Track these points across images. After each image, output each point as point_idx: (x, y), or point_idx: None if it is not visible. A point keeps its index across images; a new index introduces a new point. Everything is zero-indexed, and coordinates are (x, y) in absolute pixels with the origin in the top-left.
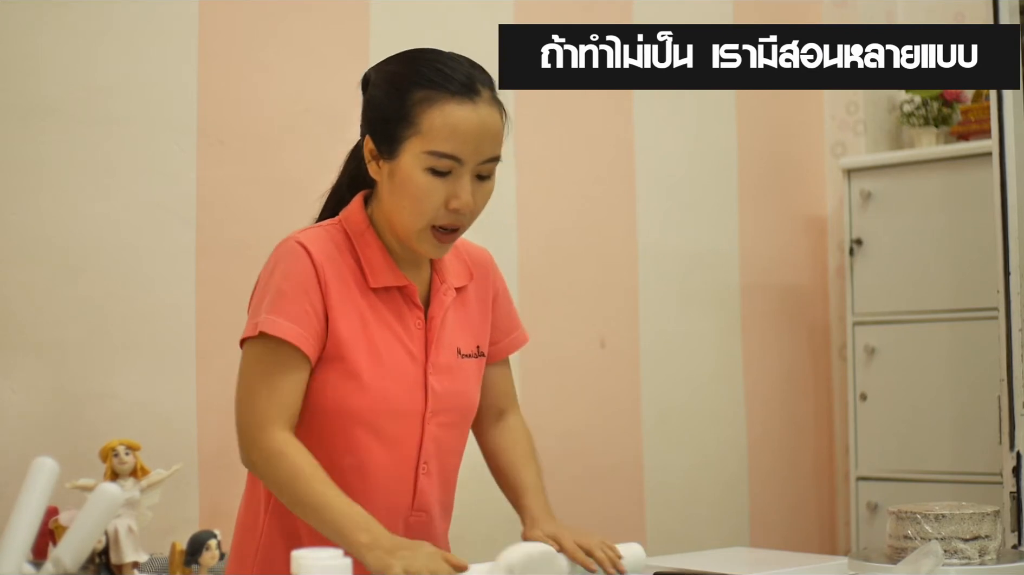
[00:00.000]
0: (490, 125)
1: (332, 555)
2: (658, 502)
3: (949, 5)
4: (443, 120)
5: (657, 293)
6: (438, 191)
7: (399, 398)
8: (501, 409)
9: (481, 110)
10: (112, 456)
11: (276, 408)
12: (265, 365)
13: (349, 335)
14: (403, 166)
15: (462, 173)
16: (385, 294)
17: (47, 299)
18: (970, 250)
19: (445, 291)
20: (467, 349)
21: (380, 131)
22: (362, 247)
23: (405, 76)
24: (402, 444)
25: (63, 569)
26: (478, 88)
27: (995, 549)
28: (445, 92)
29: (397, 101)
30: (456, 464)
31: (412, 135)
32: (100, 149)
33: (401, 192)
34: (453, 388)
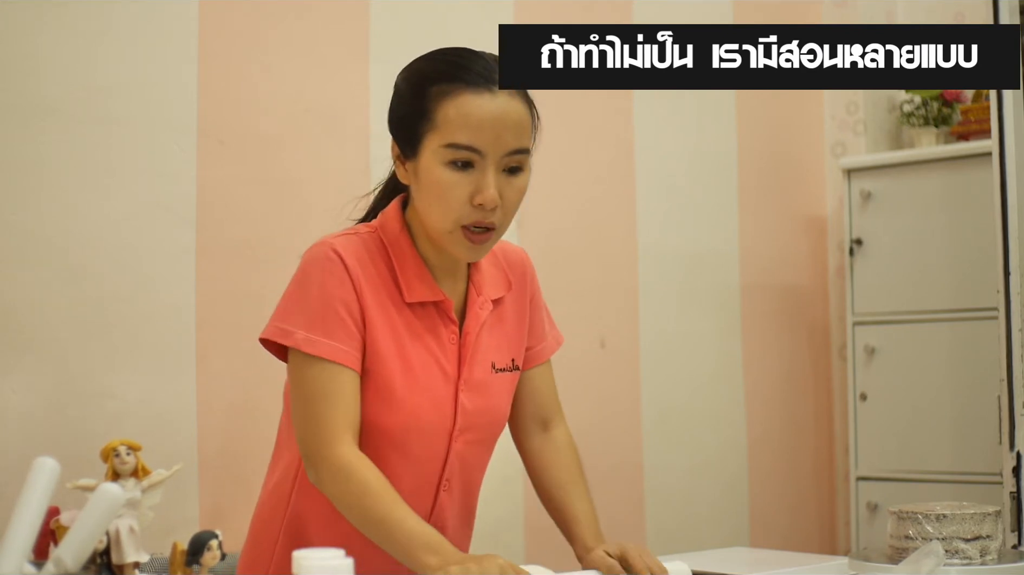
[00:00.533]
0: (511, 114)
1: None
2: (658, 502)
3: (949, 5)
4: (457, 110)
5: (657, 293)
6: (461, 186)
7: (429, 416)
8: (545, 418)
9: (500, 99)
10: (113, 456)
11: (337, 424)
12: (319, 383)
13: (384, 350)
14: (425, 163)
15: (485, 166)
16: (420, 308)
17: (47, 299)
18: (970, 250)
19: (481, 305)
20: (502, 363)
21: (401, 131)
22: (397, 257)
23: (424, 72)
24: (427, 462)
25: (64, 569)
26: (496, 79)
27: (996, 549)
28: (461, 83)
29: (415, 98)
30: (479, 479)
31: (430, 131)
32: (100, 149)
33: (426, 191)
34: (484, 405)
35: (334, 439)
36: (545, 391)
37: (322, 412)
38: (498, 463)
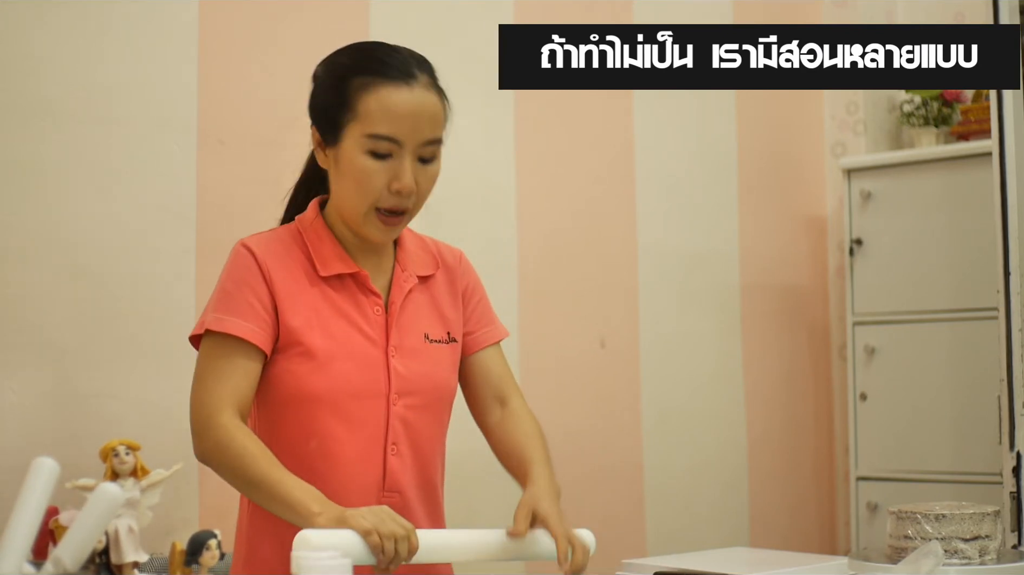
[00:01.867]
0: (427, 106)
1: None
2: (658, 502)
3: (949, 5)
4: (378, 103)
5: (657, 293)
6: (379, 174)
7: (359, 379)
8: (502, 397)
9: (417, 92)
10: (112, 456)
11: (225, 395)
12: (214, 359)
13: (301, 322)
14: (345, 151)
15: (403, 155)
16: (338, 283)
17: (47, 299)
18: (970, 250)
19: (406, 278)
20: (436, 334)
21: (323, 119)
22: (311, 239)
23: (345, 65)
24: (367, 425)
25: (63, 569)
26: (414, 72)
27: (995, 549)
28: (381, 77)
29: (337, 89)
30: (435, 450)
31: (351, 120)
32: (100, 149)
33: (345, 177)
34: (420, 370)
35: (215, 410)
36: (498, 371)
37: (207, 388)
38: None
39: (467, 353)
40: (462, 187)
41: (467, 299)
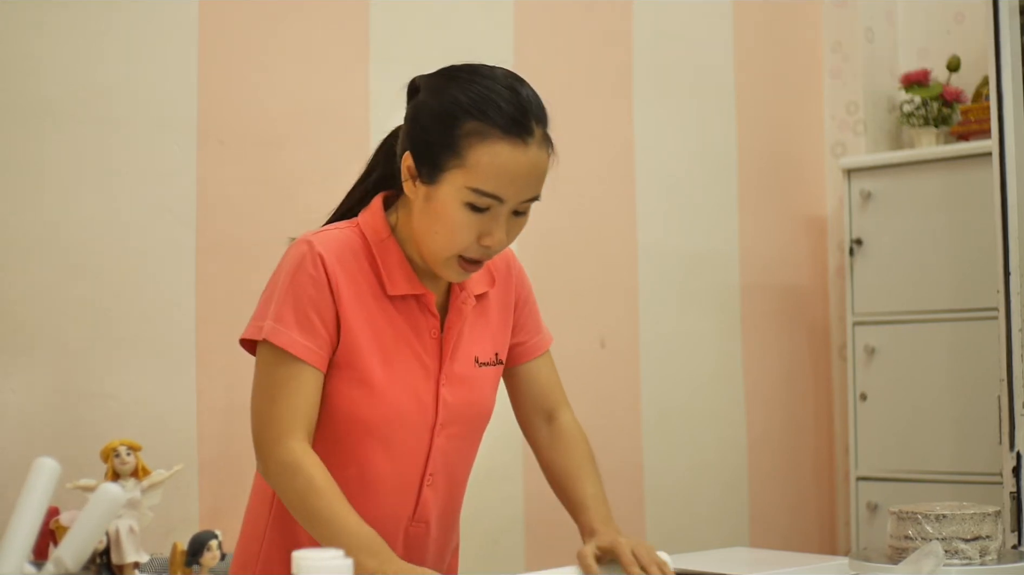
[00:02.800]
0: (538, 167)
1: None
2: (658, 502)
3: (949, 5)
4: (491, 159)
5: (657, 293)
6: (473, 226)
7: (410, 410)
8: (549, 409)
9: (531, 152)
10: (113, 456)
11: (292, 419)
12: (278, 375)
13: (363, 343)
14: (442, 195)
15: (500, 211)
16: (401, 302)
17: (47, 299)
18: (970, 250)
19: (464, 300)
20: (485, 357)
21: (423, 153)
22: (381, 254)
23: (457, 102)
24: (409, 456)
25: (64, 569)
26: (531, 127)
27: (996, 549)
28: (497, 129)
29: (445, 127)
30: (465, 475)
31: (456, 167)
32: (100, 149)
33: (435, 220)
34: (467, 399)
35: (284, 433)
36: (545, 382)
37: (277, 405)
38: (498, 464)
39: (515, 363)
40: None
41: (519, 308)
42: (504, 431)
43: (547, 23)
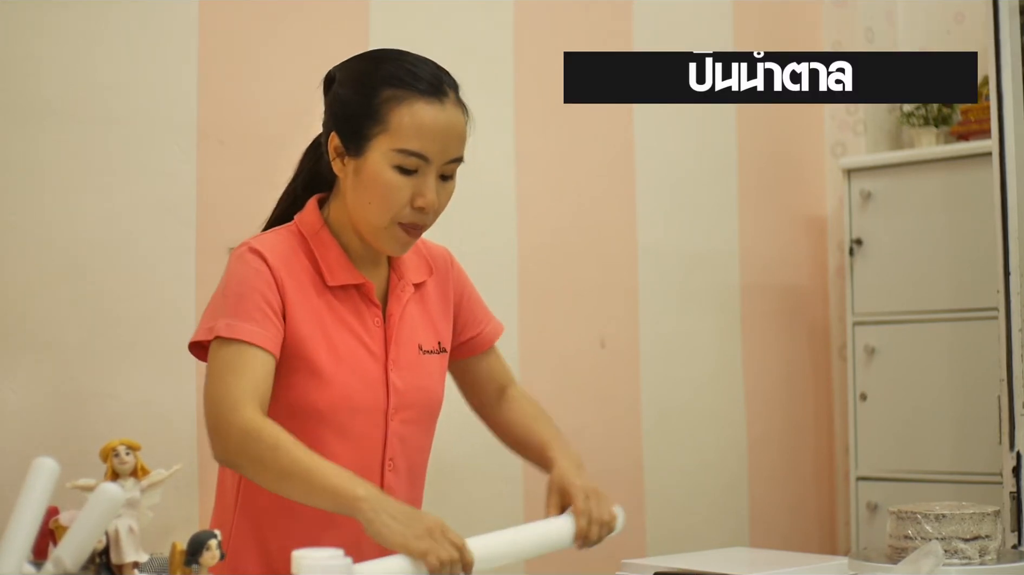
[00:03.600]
0: (456, 125)
1: (332, 555)
2: (658, 502)
3: (949, 5)
4: (412, 118)
5: (657, 293)
6: (404, 189)
7: (360, 394)
8: (501, 387)
9: (448, 110)
10: (112, 456)
11: (246, 390)
12: (230, 361)
13: (308, 333)
14: (370, 163)
15: (428, 172)
16: (342, 293)
17: (47, 299)
18: (970, 250)
19: (403, 288)
20: (428, 345)
21: (347, 128)
22: (318, 246)
23: (373, 74)
24: (366, 441)
25: (64, 569)
26: (445, 89)
27: (995, 549)
28: (414, 91)
29: (365, 99)
30: (423, 462)
31: (380, 132)
32: (100, 149)
33: (367, 189)
34: (416, 384)
35: (238, 404)
36: (498, 369)
37: (228, 384)
38: (498, 464)
39: (470, 355)
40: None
41: (460, 301)
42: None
43: (547, 23)
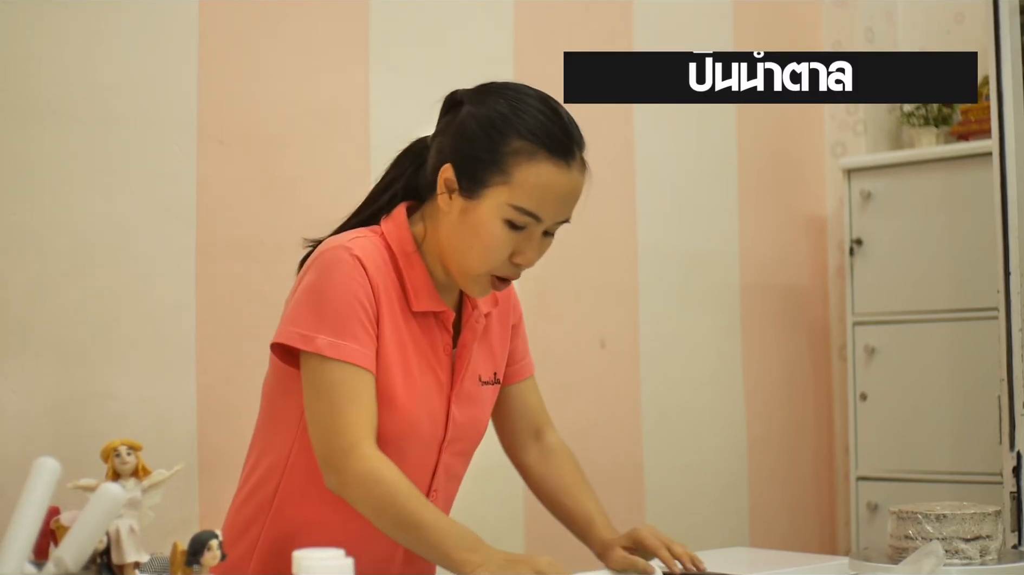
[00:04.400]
0: (577, 190)
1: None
2: (658, 502)
3: (949, 5)
4: (536, 179)
5: (657, 293)
6: (508, 244)
7: (424, 426)
8: (536, 428)
9: (573, 175)
10: (114, 456)
11: (363, 423)
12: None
13: (390, 355)
14: (482, 211)
15: (536, 231)
16: (421, 318)
17: (47, 299)
18: (970, 250)
19: (476, 319)
20: (487, 376)
21: (466, 167)
22: (407, 268)
23: (506, 119)
24: (418, 471)
25: (65, 569)
26: (575, 151)
27: (996, 549)
28: (544, 149)
29: (492, 144)
30: (456, 491)
31: (500, 183)
32: (100, 149)
33: (471, 235)
34: (472, 417)
35: (358, 442)
36: (534, 403)
37: (343, 416)
38: (498, 464)
39: (505, 384)
40: None
41: (515, 332)
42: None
43: (547, 23)
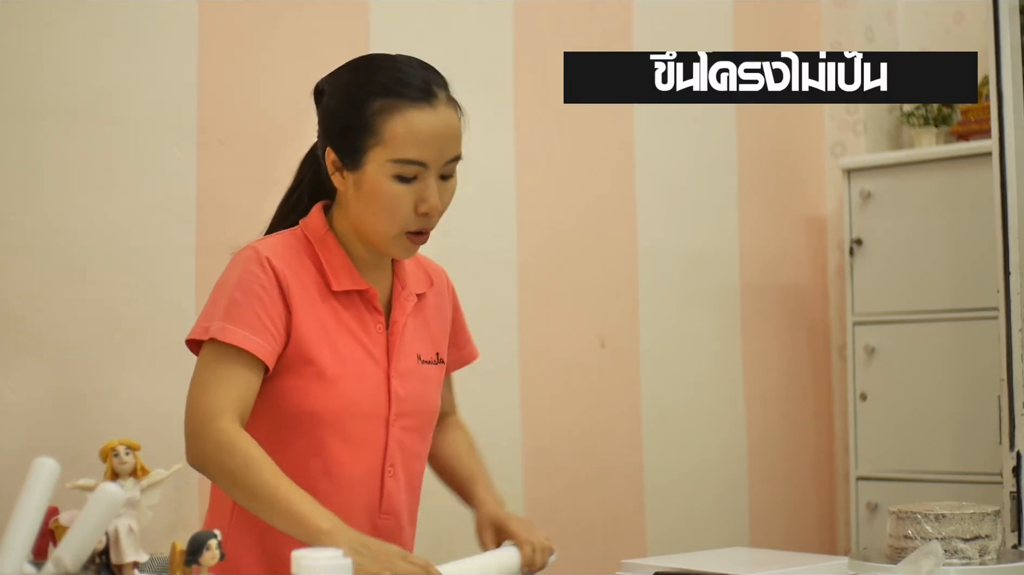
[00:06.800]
0: (451, 126)
1: (332, 555)
2: (658, 502)
3: (949, 5)
4: (406, 127)
5: (657, 293)
6: (407, 197)
7: (363, 400)
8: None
9: (440, 113)
10: (112, 456)
11: (228, 400)
12: (216, 366)
13: (313, 339)
14: (369, 176)
15: (428, 177)
16: (346, 298)
17: (47, 299)
18: (970, 250)
19: (407, 296)
20: (427, 355)
21: (342, 143)
22: (323, 252)
23: (361, 85)
24: (368, 447)
25: (64, 569)
26: (435, 91)
27: (995, 549)
28: (403, 99)
29: (356, 111)
30: (421, 469)
31: (375, 144)
32: (100, 149)
33: (370, 202)
34: (416, 392)
35: (216, 414)
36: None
37: (209, 392)
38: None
39: (452, 369)
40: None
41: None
42: (504, 433)
43: (547, 23)
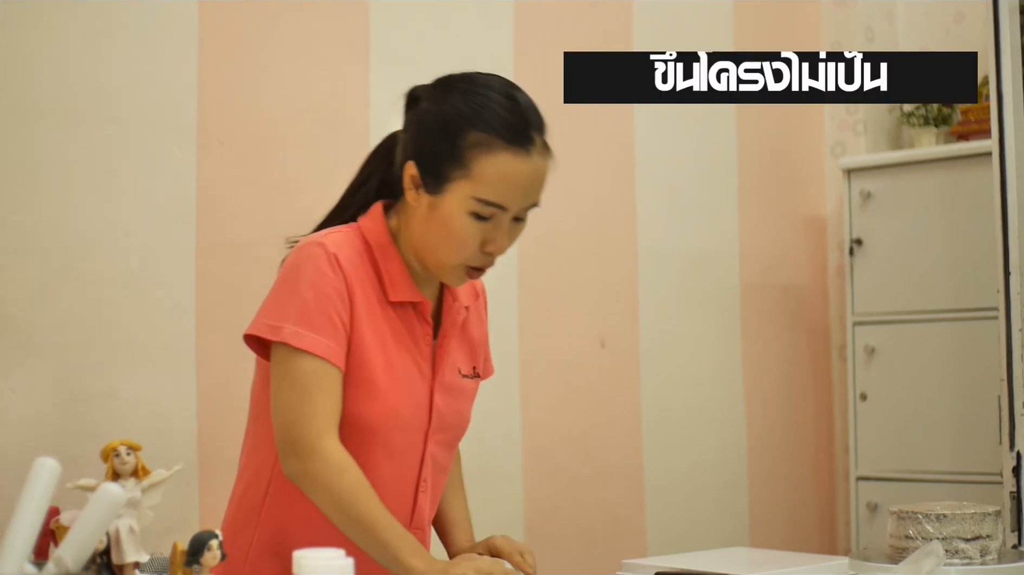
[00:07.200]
0: (540, 175)
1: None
2: (658, 502)
3: (949, 5)
4: (496, 170)
5: (657, 293)
6: (477, 235)
7: (409, 413)
8: None
9: (534, 161)
10: (113, 456)
11: (327, 416)
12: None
13: (369, 344)
14: (447, 204)
15: (503, 218)
16: (400, 308)
17: (47, 299)
18: (970, 250)
19: (457, 310)
20: (466, 369)
21: (427, 164)
22: (384, 260)
23: (460, 113)
24: (406, 460)
25: (65, 569)
26: (533, 137)
27: (996, 549)
28: (501, 140)
29: (450, 137)
30: (443, 484)
31: (461, 177)
32: (100, 149)
33: (440, 229)
34: (454, 407)
35: (324, 431)
36: None
37: (312, 404)
38: (498, 464)
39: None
40: None
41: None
42: (504, 433)
43: (547, 23)
